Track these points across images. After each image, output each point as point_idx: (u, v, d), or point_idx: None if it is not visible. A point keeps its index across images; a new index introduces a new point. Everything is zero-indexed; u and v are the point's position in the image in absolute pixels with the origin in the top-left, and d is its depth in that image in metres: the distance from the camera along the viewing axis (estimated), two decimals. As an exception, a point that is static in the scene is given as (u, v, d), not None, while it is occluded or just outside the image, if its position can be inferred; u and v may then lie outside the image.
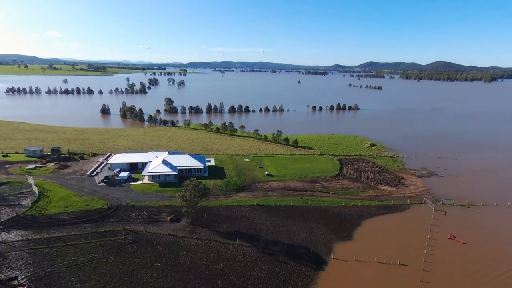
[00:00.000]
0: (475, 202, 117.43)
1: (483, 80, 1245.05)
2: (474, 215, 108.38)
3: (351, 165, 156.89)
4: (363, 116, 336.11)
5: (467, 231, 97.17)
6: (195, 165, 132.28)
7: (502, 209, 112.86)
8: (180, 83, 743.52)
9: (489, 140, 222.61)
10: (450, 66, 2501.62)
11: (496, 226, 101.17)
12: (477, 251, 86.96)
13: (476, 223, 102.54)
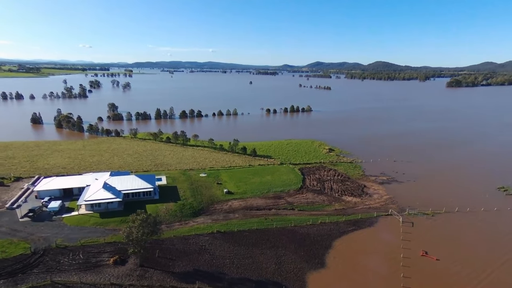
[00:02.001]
0: (437, 210, 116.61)
1: (418, 79, 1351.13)
2: (440, 225, 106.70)
3: (313, 174, 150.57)
4: (317, 118, 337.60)
5: (437, 244, 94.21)
6: (144, 187, 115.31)
7: (463, 216, 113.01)
8: (126, 85, 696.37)
9: (439, 140, 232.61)
10: (389, 66, 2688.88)
11: (462, 236, 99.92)
12: (450, 268, 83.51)
13: (443, 234, 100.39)
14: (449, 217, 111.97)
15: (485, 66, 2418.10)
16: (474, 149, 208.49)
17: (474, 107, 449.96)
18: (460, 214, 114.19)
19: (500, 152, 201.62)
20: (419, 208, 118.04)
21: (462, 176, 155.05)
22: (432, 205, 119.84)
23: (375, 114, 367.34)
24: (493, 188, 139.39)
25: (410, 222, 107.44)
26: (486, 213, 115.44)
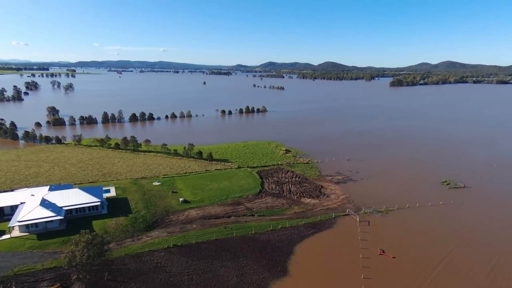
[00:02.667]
0: (390, 207, 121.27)
1: (364, 78, 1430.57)
2: (393, 221, 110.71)
3: (271, 177, 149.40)
4: (273, 119, 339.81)
5: (392, 242, 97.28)
6: (89, 201, 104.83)
7: (414, 211, 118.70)
8: (68, 86, 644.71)
9: (387, 137, 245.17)
10: (337, 66, 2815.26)
11: (414, 231, 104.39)
12: (405, 264, 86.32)
13: (397, 231, 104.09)
14: (402, 214, 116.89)
15: (421, 67, 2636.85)
16: (419, 145, 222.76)
17: (417, 105, 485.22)
18: (411, 210, 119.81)
19: (442, 147, 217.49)
20: (374, 206, 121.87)
21: (410, 172, 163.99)
22: (385, 202, 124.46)
23: (328, 113, 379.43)
24: (438, 182, 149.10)
25: (366, 221, 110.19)
26: (433, 207, 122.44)
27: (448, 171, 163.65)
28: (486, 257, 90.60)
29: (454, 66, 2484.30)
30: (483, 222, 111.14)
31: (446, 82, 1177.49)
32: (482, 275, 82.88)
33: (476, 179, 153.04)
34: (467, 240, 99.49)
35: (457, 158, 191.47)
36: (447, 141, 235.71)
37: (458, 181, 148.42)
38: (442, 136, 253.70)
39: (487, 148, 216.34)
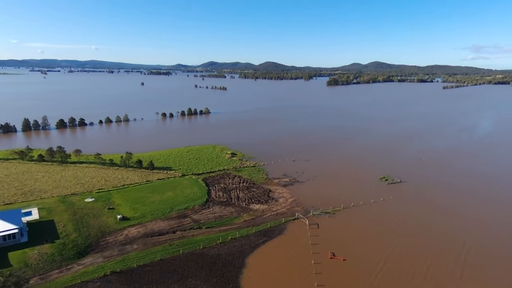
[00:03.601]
0: (337, 207, 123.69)
1: (303, 78, 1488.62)
2: (341, 222, 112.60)
3: (218, 184, 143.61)
4: (216, 121, 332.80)
5: (342, 243, 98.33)
6: (3, 229, 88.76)
7: (358, 210, 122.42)
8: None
9: (329, 136, 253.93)
10: (277, 66, 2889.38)
11: (361, 231, 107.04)
12: (355, 266, 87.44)
13: (345, 232, 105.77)
14: (348, 213, 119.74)
15: (353, 67, 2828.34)
16: (357, 143, 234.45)
17: (352, 104, 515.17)
18: (355, 209, 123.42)
19: (378, 144, 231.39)
20: (321, 207, 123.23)
21: (351, 170, 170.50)
22: (332, 203, 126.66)
23: (272, 113, 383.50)
24: (377, 179, 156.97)
25: (315, 224, 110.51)
26: (375, 204, 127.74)
27: (385, 167, 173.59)
28: (423, 254, 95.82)
29: (381, 66, 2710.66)
30: (419, 216, 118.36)
31: (375, 81, 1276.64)
32: (420, 272, 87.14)
33: (410, 174, 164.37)
34: (406, 235, 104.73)
35: (391, 154, 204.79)
36: (381, 138, 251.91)
37: (395, 177, 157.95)
38: (377, 133, 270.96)
39: (415, 143, 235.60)
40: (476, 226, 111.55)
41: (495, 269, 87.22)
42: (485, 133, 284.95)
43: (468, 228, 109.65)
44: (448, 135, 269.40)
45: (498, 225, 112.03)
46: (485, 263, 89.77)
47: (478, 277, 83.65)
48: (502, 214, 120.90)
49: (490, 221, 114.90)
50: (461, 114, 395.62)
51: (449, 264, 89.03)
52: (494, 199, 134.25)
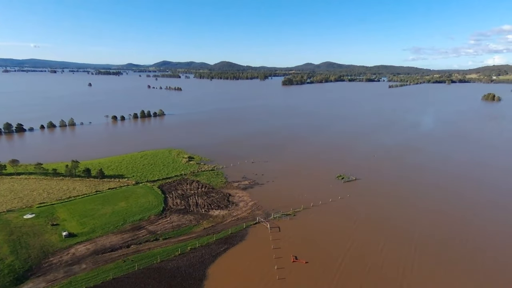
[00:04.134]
0: (297, 208, 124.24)
1: (259, 78, 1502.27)
2: (301, 224, 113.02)
3: (176, 191, 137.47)
4: (172, 123, 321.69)
5: (303, 246, 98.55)
6: None
7: (318, 210, 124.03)
8: None
9: (286, 136, 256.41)
10: (233, 66, 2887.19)
11: (321, 231, 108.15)
12: (316, 268, 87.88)
13: (306, 233, 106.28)
14: (308, 214, 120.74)
15: (307, 67, 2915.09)
16: (315, 142, 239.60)
17: (307, 103, 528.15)
18: (315, 209, 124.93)
19: (334, 142, 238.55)
20: (282, 209, 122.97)
21: (309, 169, 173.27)
22: (292, 204, 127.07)
23: (230, 114, 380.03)
24: (333, 177, 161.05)
25: (277, 227, 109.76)
26: (334, 203, 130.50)
27: (341, 166, 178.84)
28: (378, 247, 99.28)
29: (332, 66, 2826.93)
30: (375, 211, 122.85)
31: (328, 80, 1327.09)
32: (377, 265, 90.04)
33: (364, 171, 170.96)
34: (364, 231, 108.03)
35: (346, 152, 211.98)
36: (336, 136, 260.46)
37: (350, 174, 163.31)
38: (332, 132, 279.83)
39: (367, 141, 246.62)
40: (428, 216, 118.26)
41: (446, 257, 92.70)
42: (428, 128, 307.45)
43: (420, 219, 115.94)
44: (396, 131, 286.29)
45: (447, 214, 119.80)
46: (435, 252, 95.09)
47: (430, 266, 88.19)
48: (450, 203, 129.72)
49: (440, 211, 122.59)
50: (406, 112, 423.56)
51: (403, 254, 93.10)
52: (444, 190, 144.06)
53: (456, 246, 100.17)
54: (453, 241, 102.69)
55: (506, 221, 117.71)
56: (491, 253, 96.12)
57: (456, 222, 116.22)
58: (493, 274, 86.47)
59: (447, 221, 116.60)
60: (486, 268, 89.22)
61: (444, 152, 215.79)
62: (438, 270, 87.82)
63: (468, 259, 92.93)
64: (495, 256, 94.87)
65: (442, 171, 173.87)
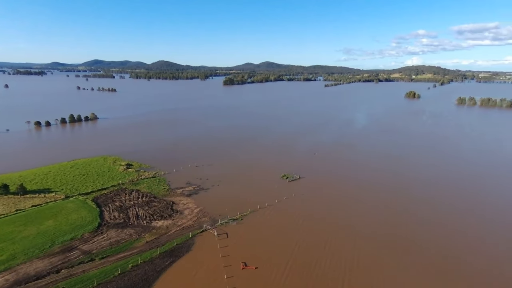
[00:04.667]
0: (244, 212, 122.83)
1: (199, 78, 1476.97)
2: (249, 228, 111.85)
3: (113, 203, 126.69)
4: (106, 128, 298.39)
5: (252, 251, 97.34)
6: None
7: (264, 212, 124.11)
8: None
9: (230, 138, 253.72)
10: (171, 65, 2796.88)
11: (269, 233, 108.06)
12: (267, 273, 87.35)
13: (254, 237, 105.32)
14: (255, 217, 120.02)
15: (247, 66, 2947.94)
16: (259, 142, 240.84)
17: (250, 103, 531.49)
18: (262, 211, 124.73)
19: (277, 142, 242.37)
20: (229, 214, 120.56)
21: (254, 170, 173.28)
22: (238, 208, 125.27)
23: (170, 116, 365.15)
24: (278, 177, 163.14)
25: (224, 233, 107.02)
26: (280, 203, 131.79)
27: (284, 165, 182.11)
28: (322, 243, 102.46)
29: (272, 66, 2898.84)
30: (320, 208, 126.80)
31: (268, 80, 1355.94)
32: (325, 260, 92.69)
33: (307, 169, 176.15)
34: (310, 229, 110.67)
35: (288, 151, 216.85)
36: (279, 136, 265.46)
37: (294, 173, 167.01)
38: (274, 131, 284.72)
39: (308, 139, 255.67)
40: (368, 210, 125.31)
41: (391, 249, 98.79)
42: (362, 125, 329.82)
43: (361, 212, 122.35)
44: (334, 129, 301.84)
45: (386, 208, 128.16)
46: (380, 245, 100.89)
47: (375, 260, 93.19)
48: (389, 195, 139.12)
49: (381, 204, 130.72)
50: (342, 109, 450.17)
51: (348, 250, 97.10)
52: (381, 183, 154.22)
53: (399, 238, 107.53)
54: (396, 233, 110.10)
55: (444, 208, 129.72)
56: (434, 243, 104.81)
57: (396, 213, 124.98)
58: (440, 264, 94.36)
59: (388, 213, 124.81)
60: (432, 259, 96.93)
61: (378, 146, 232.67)
62: (384, 262, 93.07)
63: (412, 250, 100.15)
64: (439, 246, 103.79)
65: (379, 164, 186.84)
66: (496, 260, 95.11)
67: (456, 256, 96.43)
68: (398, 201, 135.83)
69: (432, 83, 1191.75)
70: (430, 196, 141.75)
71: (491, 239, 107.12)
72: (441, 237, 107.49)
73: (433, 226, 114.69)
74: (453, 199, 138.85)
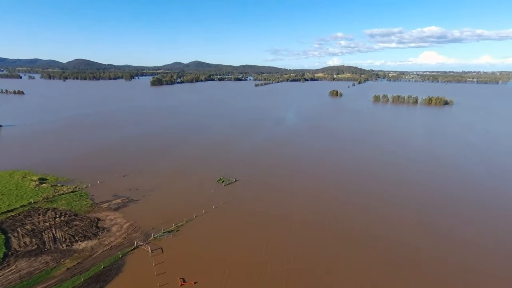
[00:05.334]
0: (179, 222, 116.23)
1: (124, 78, 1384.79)
2: (186, 240, 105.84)
3: (23, 226, 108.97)
4: (11, 137, 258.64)
5: (190, 265, 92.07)
6: None
7: (201, 220, 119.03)
8: None
9: (160, 142, 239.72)
10: (91, 65, 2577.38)
11: (206, 244, 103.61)
12: (207, 285, 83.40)
13: (191, 250, 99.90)
14: (192, 227, 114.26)
15: (176, 66, 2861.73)
16: (191, 144, 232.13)
17: (181, 103, 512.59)
18: (199, 220, 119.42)
19: (211, 143, 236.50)
20: (163, 226, 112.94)
21: (188, 176, 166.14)
22: (173, 218, 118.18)
23: (91, 120, 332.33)
24: (214, 181, 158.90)
25: (159, 248, 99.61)
26: (217, 210, 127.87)
27: (220, 168, 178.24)
28: (263, 245, 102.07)
29: (202, 66, 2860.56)
30: (257, 210, 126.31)
31: (198, 80, 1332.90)
32: (264, 264, 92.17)
33: (242, 170, 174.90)
34: (249, 234, 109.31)
35: (222, 153, 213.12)
36: (212, 137, 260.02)
37: (230, 176, 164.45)
38: (207, 132, 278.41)
39: (242, 139, 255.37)
40: (305, 203, 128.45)
41: (328, 237, 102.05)
42: (293, 122, 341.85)
43: (299, 209, 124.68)
44: (267, 127, 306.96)
45: (323, 198, 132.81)
46: (320, 235, 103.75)
47: (314, 251, 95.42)
48: (328, 189, 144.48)
49: (320, 197, 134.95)
50: (273, 108, 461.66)
51: (287, 246, 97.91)
52: (315, 175, 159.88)
53: (336, 225, 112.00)
54: (330, 221, 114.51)
55: (375, 196, 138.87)
56: (373, 231, 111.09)
57: (332, 203, 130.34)
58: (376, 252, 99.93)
59: (323, 203, 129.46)
60: (369, 247, 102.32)
61: (309, 142, 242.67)
62: (322, 252, 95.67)
63: (343, 237, 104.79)
64: (360, 223, 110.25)
65: (313, 160, 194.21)
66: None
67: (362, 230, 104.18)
68: (332, 192, 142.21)
69: (351, 82, 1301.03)
70: (364, 185, 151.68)
71: (403, 214, 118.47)
72: (363, 219, 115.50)
73: (357, 209, 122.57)
74: (376, 183, 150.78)
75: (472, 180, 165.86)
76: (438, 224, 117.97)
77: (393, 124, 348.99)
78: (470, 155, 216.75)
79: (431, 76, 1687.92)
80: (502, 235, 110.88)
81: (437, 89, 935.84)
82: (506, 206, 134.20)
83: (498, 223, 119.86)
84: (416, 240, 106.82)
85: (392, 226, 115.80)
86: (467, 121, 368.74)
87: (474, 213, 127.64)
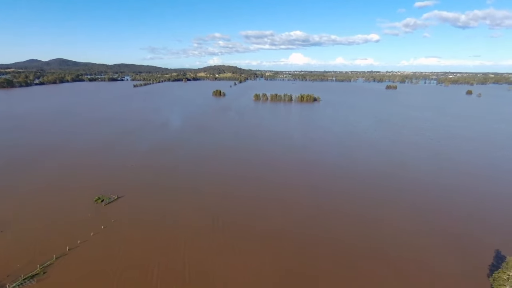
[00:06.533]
0: (47, 261, 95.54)
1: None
2: (58, 283, 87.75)
3: None
4: None
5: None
6: None
7: (79, 253, 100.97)
8: None
9: (15, 159, 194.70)
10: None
11: (88, 284, 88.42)
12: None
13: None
14: (63, 265, 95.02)
15: (31, 64, 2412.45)
16: (57, 160, 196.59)
17: (38, 111, 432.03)
18: (74, 253, 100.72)
19: (82, 156, 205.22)
20: (24, 270, 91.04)
21: (58, 198, 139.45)
22: (38, 257, 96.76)
23: None
24: (92, 201, 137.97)
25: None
26: (97, 236, 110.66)
27: (97, 184, 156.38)
28: (146, 276, 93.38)
29: (67, 64, 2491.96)
30: (144, 235, 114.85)
31: (64, 80, 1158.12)
32: None
33: (124, 185, 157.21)
34: (133, 267, 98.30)
35: (98, 166, 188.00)
36: (82, 150, 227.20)
37: (111, 193, 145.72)
38: (76, 145, 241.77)
39: (121, 148, 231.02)
40: (193, 214, 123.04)
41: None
42: (177, 126, 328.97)
43: (191, 220, 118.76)
44: (147, 134, 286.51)
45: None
46: (225, 244, 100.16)
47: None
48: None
49: (224, 194, 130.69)
50: (155, 111, 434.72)
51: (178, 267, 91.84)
52: (204, 183, 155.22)
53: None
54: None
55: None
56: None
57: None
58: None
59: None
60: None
61: (197, 147, 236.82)
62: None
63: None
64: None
65: (203, 165, 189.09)
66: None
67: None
68: (230, 192, 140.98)
69: (232, 81, 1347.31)
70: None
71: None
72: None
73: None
74: (279, 174, 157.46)
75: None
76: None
77: (272, 120, 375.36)
78: (333, 141, 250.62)
79: (300, 75, 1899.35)
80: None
81: (306, 87, 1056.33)
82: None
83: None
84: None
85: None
86: (331, 114, 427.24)
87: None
